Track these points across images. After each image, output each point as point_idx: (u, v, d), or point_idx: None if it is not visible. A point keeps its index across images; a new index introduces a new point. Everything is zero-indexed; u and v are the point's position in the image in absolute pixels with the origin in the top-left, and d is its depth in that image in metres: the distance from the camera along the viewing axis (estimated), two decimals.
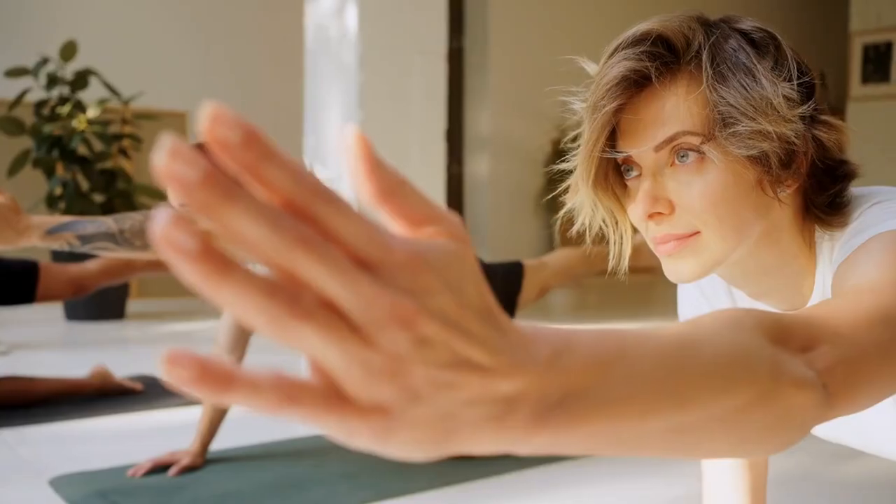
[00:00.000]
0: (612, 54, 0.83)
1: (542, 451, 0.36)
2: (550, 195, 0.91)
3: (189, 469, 2.02)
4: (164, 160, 0.27)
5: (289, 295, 0.29)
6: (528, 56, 7.12)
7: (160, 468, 2.01)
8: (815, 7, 9.24)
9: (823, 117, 0.82)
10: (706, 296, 1.08)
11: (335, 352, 0.30)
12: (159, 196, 5.08)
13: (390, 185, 0.32)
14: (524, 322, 0.37)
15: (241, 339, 2.16)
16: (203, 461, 2.08)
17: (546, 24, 7.29)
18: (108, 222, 1.58)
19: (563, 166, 0.90)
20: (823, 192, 0.85)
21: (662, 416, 0.39)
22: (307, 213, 0.29)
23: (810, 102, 0.81)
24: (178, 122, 6.07)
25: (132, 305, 5.39)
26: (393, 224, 0.33)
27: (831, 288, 0.77)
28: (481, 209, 7.02)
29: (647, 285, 6.69)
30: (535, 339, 0.34)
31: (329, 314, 0.29)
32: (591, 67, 0.87)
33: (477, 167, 7.06)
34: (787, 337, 0.51)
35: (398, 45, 4.95)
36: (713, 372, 0.43)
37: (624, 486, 1.95)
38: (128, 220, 1.58)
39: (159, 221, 0.27)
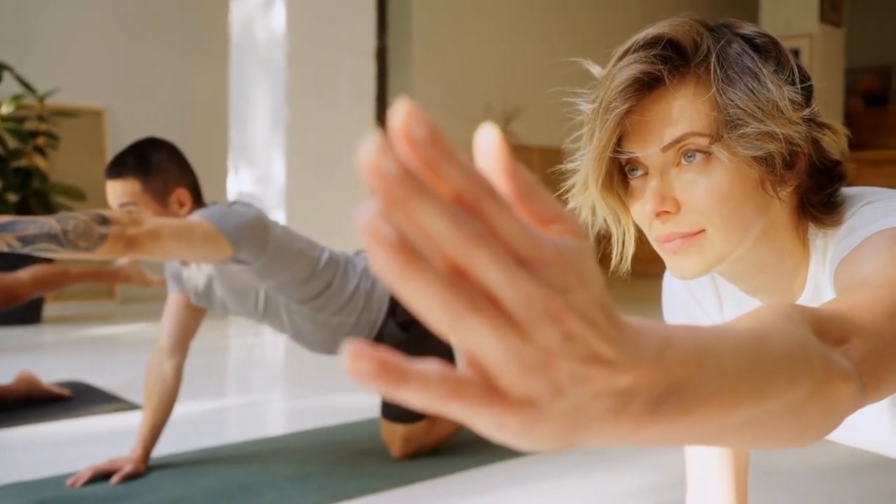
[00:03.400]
0: (621, 57, 0.85)
1: (646, 444, 0.38)
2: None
3: (132, 476, 1.96)
4: (370, 154, 0.29)
5: (464, 289, 0.30)
6: (451, 55, 7.14)
7: (102, 476, 1.95)
8: (725, 14, 9.54)
9: (821, 119, 0.86)
10: (691, 291, 1.11)
11: (498, 345, 0.31)
12: (76, 195, 4.92)
13: (525, 186, 0.34)
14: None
15: (184, 340, 2.11)
16: (146, 467, 2.02)
17: (470, 24, 7.32)
18: (50, 223, 1.51)
19: (568, 166, 0.91)
20: (820, 192, 0.88)
21: (744, 409, 0.41)
22: (475, 208, 0.31)
23: (812, 105, 0.85)
24: (95, 119, 5.87)
25: (48, 309, 5.20)
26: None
27: (834, 283, 0.80)
28: None
29: None
30: (642, 334, 0.36)
31: (494, 309, 0.31)
32: (596, 70, 0.88)
33: None
34: (824, 330, 0.54)
35: (327, 43, 4.90)
36: (783, 366, 0.45)
37: (577, 481, 1.97)
38: (71, 220, 1.52)
39: (366, 212, 0.29)
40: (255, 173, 4.90)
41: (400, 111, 0.30)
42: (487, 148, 0.33)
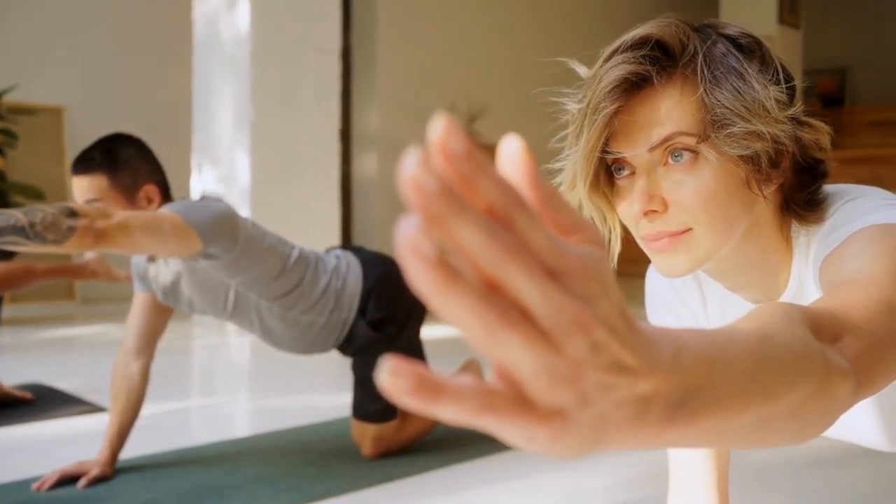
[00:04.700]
0: (609, 57, 0.85)
1: (662, 447, 0.39)
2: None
3: (99, 479, 1.93)
4: (412, 170, 0.29)
5: (498, 303, 0.31)
6: (416, 54, 7.13)
7: (68, 480, 1.91)
8: (685, 15, 9.63)
9: (805, 118, 0.87)
10: (675, 289, 1.11)
11: (530, 358, 0.31)
12: (35, 195, 4.83)
13: (548, 196, 0.34)
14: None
15: (150, 341, 2.07)
16: (113, 470, 1.98)
17: (435, 23, 7.32)
18: (17, 215, 1.48)
19: (555, 166, 0.91)
20: (803, 190, 0.89)
21: (754, 410, 0.42)
22: (506, 220, 0.32)
23: (798, 105, 0.86)
24: (54, 117, 5.77)
25: (6, 311, 5.09)
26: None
27: (819, 281, 0.81)
28: (370, 208, 6.98)
29: None
30: (657, 340, 0.36)
31: (527, 321, 0.31)
32: (582, 70, 0.88)
33: (365, 166, 7.02)
34: (819, 328, 0.55)
35: (292, 41, 4.87)
36: (788, 366, 0.46)
37: (550, 478, 1.98)
38: (39, 212, 1.49)
39: (407, 228, 0.30)
40: (218, 172, 4.85)
41: (438, 127, 0.31)
42: (511, 158, 0.34)
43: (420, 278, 0.30)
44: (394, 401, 0.31)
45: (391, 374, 0.30)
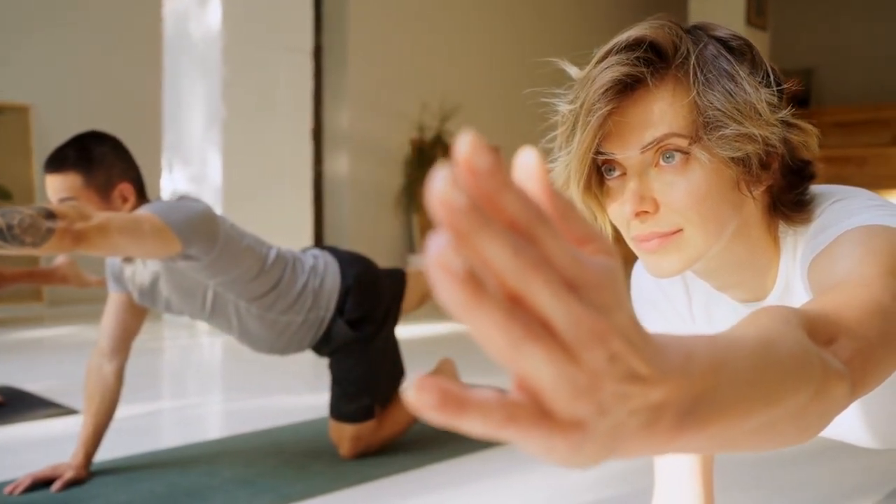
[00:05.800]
0: (602, 59, 0.85)
1: (671, 453, 0.39)
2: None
3: (74, 483, 1.90)
4: (441, 188, 0.30)
5: (522, 317, 0.31)
6: (387, 54, 7.11)
7: (42, 483, 1.88)
8: (654, 14, 9.69)
9: (795, 121, 0.88)
10: (662, 288, 1.12)
11: (552, 370, 0.32)
12: (2, 195, 4.76)
13: (563, 209, 0.35)
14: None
15: (125, 341, 2.05)
16: (87, 473, 1.96)
17: (406, 22, 7.30)
18: None
19: (549, 167, 0.91)
20: (791, 191, 0.91)
21: (757, 416, 0.43)
22: (528, 234, 0.32)
23: (789, 107, 0.87)
24: (21, 116, 5.68)
25: None
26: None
27: (808, 282, 0.83)
28: (342, 208, 6.96)
29: None
30: (667, 347, 0.37)
31: (548, 335, 0.32)
32: (573, 70, 0.88)
33: (336, 166, 7.00)
34: (814, 331, 0.56)
35: (263, 40, 4.84)
36: (789, 372, 0.47)
37: (529, 476, 1.98)
38: (16, 214, 1.46)
39: (437, 245, 0.30)
40: (189, 172, 4.80)
41: (464, 143, 0.31)
42: (528, 171, 0.34)
43: (449, 294, 0.30)
44: (372, 401, 0.30)
45: (417, 390, 0.31)
